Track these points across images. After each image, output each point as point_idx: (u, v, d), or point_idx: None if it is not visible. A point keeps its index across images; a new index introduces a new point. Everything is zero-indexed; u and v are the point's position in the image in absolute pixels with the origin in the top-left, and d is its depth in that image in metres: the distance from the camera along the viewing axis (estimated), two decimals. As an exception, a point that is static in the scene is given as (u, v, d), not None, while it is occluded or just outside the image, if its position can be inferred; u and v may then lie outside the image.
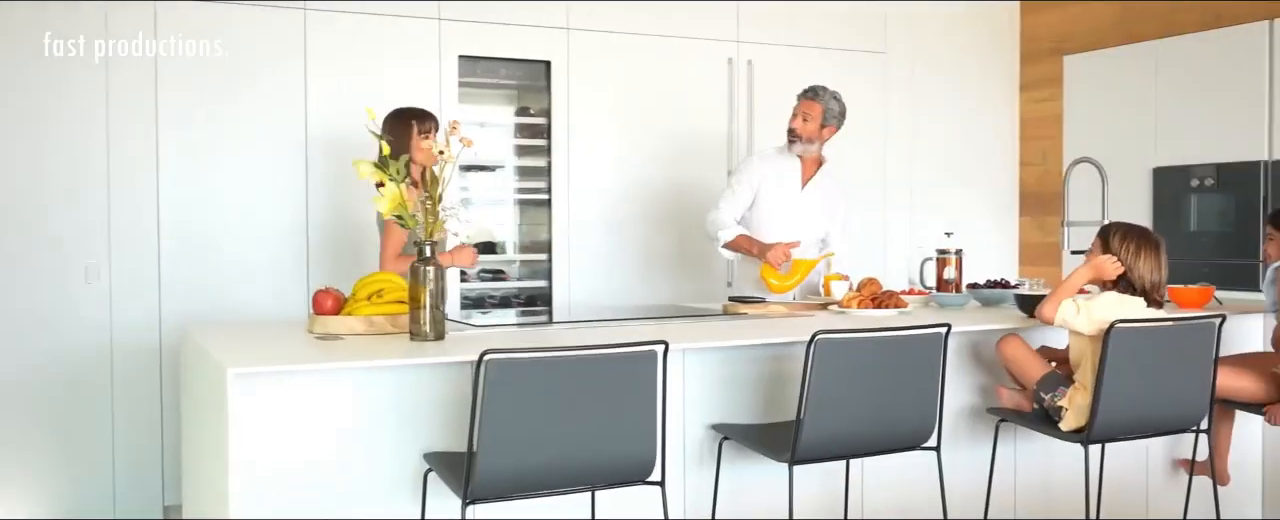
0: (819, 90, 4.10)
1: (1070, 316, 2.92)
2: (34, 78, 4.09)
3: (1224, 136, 5.03)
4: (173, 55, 4.27)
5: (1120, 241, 2.99)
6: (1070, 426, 2.95)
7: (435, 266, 2.73)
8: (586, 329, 3.13)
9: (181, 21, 4.27)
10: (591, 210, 5.04)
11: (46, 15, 4.08)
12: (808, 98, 4.10)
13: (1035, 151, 6.08)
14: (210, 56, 4.32)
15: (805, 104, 4.10)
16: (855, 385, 2.63)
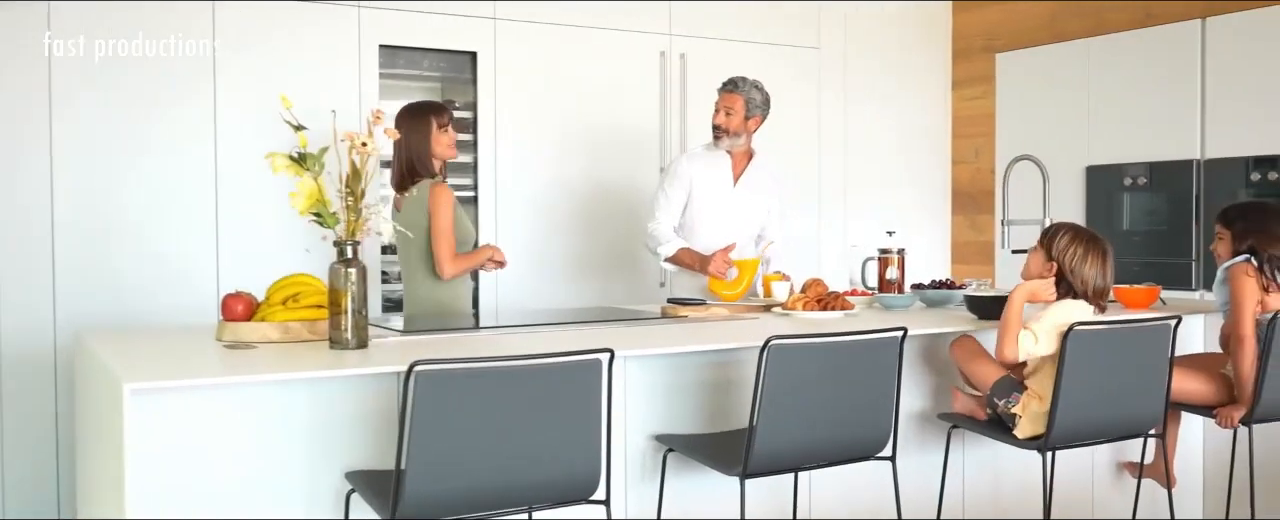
0: (737, 82, 3.96)
1: (1031, 347, 2.79)
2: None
3: (1156, 135, 5.02)
4: (70, 42, 3.97)
5: (1065, 245, 2.87)
6: (1026, 434, 2.84)
7: (358, 269, 2.51)
8: (518, 334, 2.94)
9: (82, 13, 3.97)
10: (519, 208, 4.84)
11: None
12: (728, 90, 3.98)
13: (968, 149, 6.04)
14: (111, 42, 4.03)
15: (726, 98, 3.98)
16: (809, 393, 2.49)
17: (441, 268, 3.52)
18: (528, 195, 4.85)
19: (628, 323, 3.19)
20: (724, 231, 4.01)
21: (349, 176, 2.48)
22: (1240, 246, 3.25)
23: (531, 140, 4.86)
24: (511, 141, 4.80)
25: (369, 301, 2.58)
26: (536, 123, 4.87)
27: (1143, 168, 5.09)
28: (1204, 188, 4.86)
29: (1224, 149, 4.78)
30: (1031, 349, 2.78)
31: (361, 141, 2.41)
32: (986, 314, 3.16)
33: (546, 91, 4.88)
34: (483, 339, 2.82)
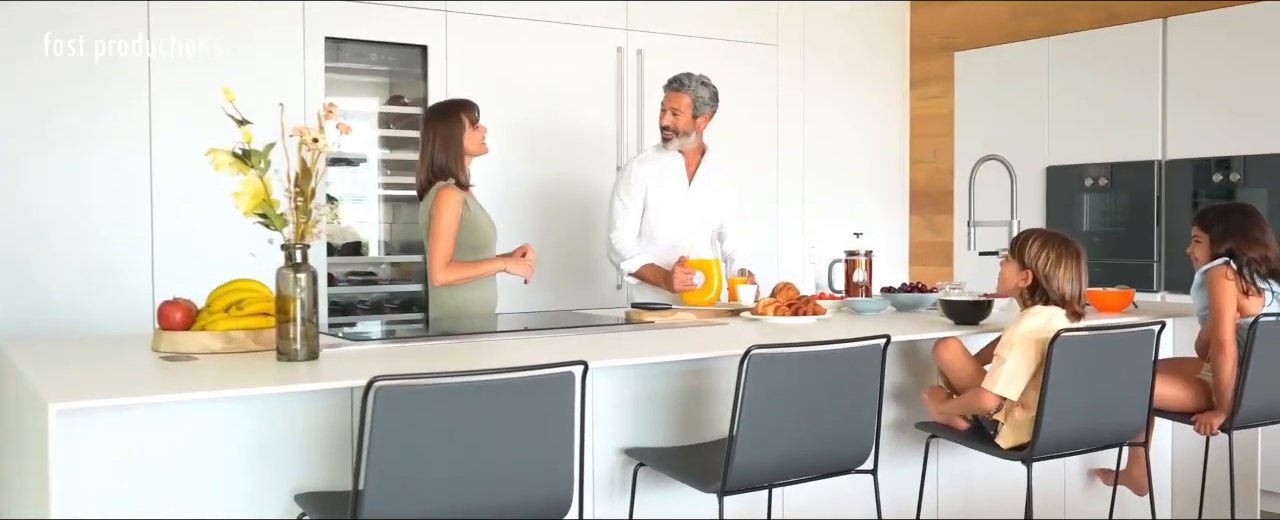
0: (682, 80, 3.83)
1: (1009, 379, 2.69)
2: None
3: (1117, 135, 4.98)
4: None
5: (1037, 251, 2.77)
6: (1008, 443, 2.74)
7: (308, 274, 2.34)
8: (477, 344, 2.77)
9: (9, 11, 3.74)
10: (472, 208, 4.65)
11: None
12: (673, 89, 3.85)
13: (926, 149, 5.97)
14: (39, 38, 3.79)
15: (672, 97, 3.84)
16: (791, 404, 2.35)
17: (432, 274, 3.40)
18: (478, 193, 4.66)
19: (592, 330, 3.04)
20: (683, 232, 3.88)
21: (298, 175, 2.30)
22: (1219, 250, 3.18)
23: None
24: (463, 139, 4.62)
25: (319, 308, 2.40)
26: (489, 120, 4.68)
27: (1104, 168, 5.05)
28: (1165, 188, 4.82)
29: (1185, 150, 4.75)
30: (1010, 379, 2.67)
31: (313, 137, 2.23)
32: (963, 319, 3.06)
33: (500, 88, 4.71)
34: (440, 349, 2.65)
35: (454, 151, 3.44)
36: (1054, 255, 2.74)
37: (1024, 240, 2.81)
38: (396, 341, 2.74)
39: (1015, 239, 2.84)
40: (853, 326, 3.11)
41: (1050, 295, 2.74)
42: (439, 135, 3.44)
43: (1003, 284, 2.86)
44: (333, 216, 2.35)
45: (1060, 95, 5.23)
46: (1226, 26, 4.59)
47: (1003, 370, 2.68)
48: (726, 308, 3.53)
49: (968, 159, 5.67)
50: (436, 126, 3.46)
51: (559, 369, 2.02)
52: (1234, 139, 4.57)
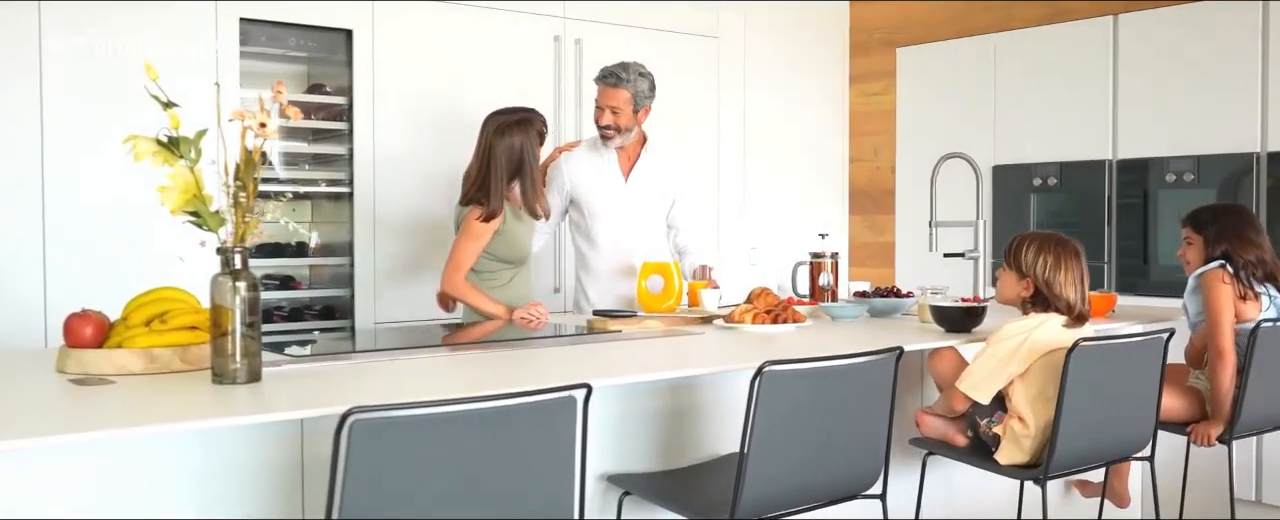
0: (619, 74, 3.55)
1: (980, 380, 2.53)
2: None
3: (1067, 134, 4.88)
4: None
5: (1033, 257, 2.58)
6: (1008, 459, 2.55)
7: (247, 281, 2.00)
8: (438, 359, 2.46)
9: None
10: (401, 205, 4.31)
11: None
12: (609, 85, 3.55)
13: (866, 147, 5.81)
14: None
15: (609, 94, 3.56)
16: (805, 425, 2.11)
17: (442, 280, 3.29)
18: (408, 190, 4.34)
19: (558, 342, 2.76)
20: (624, 231, 3.63)
21: (239, 165, 1.96)
22: (1213, 252, 3.05)
23: (414, 129, 4.35)
24: (392, 130, 4.28)
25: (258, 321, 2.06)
26: (419, 111, 4.36)
27: (1053, 168, 4.94)
28: (1116, 188, 4.73)
29: (1137, 149, 4.67)
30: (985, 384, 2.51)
31: (260, 121, 1.90)
32: (955, 326, 2.86)
33: (430, 77, 4.38)
34: (401, 366, 2.33)
35: (530, 173, 3.27)
36: (1052, 259, 2.55)
37: (1018, 246, 2.62)
38: (344, 357, 2.41)
39: (1009, 246, 2.65)
40: (836, 335, 2.89)
41: (1054, 302, 2.55)
42: (511, 147, 3.25)
43: (1002, 294, 2.67)
44: (280, 214, 2.02)
45: (1007, 93, 5.12)
46: (1178, 24, 4.51)
47: (974, 369, 2.50)
48: (690, 314, 3.28)
49: (910, 158, 5.54)
50: (511, 136, 3.25)
51: (559, 394, 1.74)
52: (1187, 138, 4.49)
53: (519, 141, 3.22)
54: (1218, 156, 4.41)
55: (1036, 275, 2.56)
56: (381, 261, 4.26)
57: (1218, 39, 4.38)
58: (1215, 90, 4.40)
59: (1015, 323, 2.57)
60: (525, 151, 3.23)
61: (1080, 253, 2.59)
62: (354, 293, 4.24)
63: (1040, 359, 2.50)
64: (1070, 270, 2.55)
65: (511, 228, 3.26)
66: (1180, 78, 4.50)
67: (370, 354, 2.50)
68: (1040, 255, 2.56)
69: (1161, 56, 4.57)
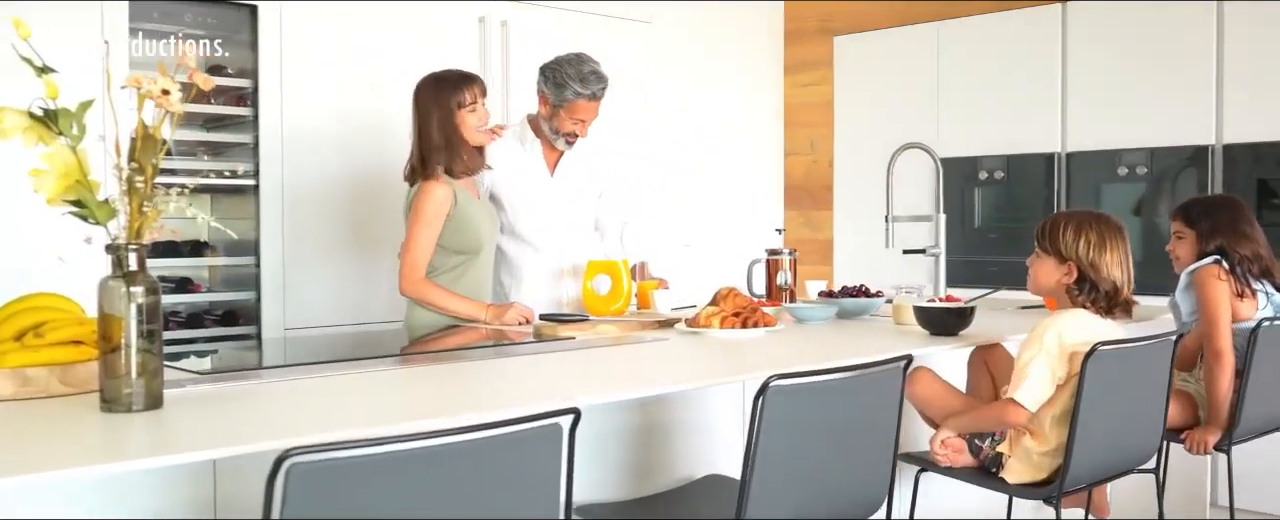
0: (603, 87, 3.20)
1: (1036, 388, 2.24)
2: None
3: (1014, 126, 4.71)
4: None
5: (1074, 237, 2.32)
6: (1018, 477, 2.30)
7: (146, 285, 1.64)
8: (367, 374, 2.11)
9: None
10: (314, 199, 3.92)
11: None
12: (594, 99, 3.19)
13: (802, 140, 5.58)
14: None
15: (589, 108, 3.20)
16: (811, 444, 1.84)
17: (399, 281, 2.90)
18: (322, 182, 3.94)
19: (504, 352, 2.43)
20: (552, 227, 3.31)
21: (135, 143, 1.59)
22: (1207, 247, 2.86)
23: (326, 116, 3.96)
24: (303, 116, 3.88)
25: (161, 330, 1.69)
26: (332, 95, 3.97)
27: (999, 160, 4.77)
28: (1065, 182, 4.58)
29: (1087, 142, 4.52)
30: (1047, 384, 2.24)
31: (161, 89, 1.54)
32: (942, 329, 2.61)
33: (345, 58, 3.99)
34: (332, 385, 1.97)
35: (448, 136, 2.91)
36: (1095, 238, 2.30)
37: (1055, 227, 2.36)
38: (263, 374, 2.05)
39: (1042, 229, 2.39)
40: (812, 340, 2.63)
41: (1100, 286, 2.29)
42: (426, 118, 2.93)
43: (1037, 284, 2.41)
44: (187, 205, 1.65)
45: (951, 83, 4.93)
46: (1130, 13, 4.37)
47: (1030, 375, 2.23)
48: (643, 317, 2.98)
49: (849, 151, 5.33)
50: (423, 106, 2.95)
51: (541, 422, 1.42)
52: (1138, 131, 4.36)
53: (443, 106, 2.91)
54: (1171, 149, 4.28)
55: (1080, 257, 2.30)
56: (292, 261, 3.86)
57: (1171, 29, 4.25)
58: (1168, 81, 4.27)
59: (1065, 323, 2.28)
60: (445, 116, 2.91)
61: (1124, 231, 2.35)
62: (260, 296, 3.83)
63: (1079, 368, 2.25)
64: (1116, 250, 2.30)
65: (464, 209, 2.91)
66: (1132, 68, 4.36)
67: (290, 370, 2.14)
68: (1082, 235, 2.31)
69: (1113, 46, 4.42)
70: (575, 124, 3.20)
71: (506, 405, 1.63)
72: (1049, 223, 2.38)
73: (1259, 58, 4.03)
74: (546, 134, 3.26)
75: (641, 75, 4.94)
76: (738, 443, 2.41)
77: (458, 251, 2.93)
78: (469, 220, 2.91)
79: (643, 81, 4.95)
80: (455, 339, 2.72)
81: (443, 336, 2.77)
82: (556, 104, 3.18)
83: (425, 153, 2.92)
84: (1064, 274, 2.33)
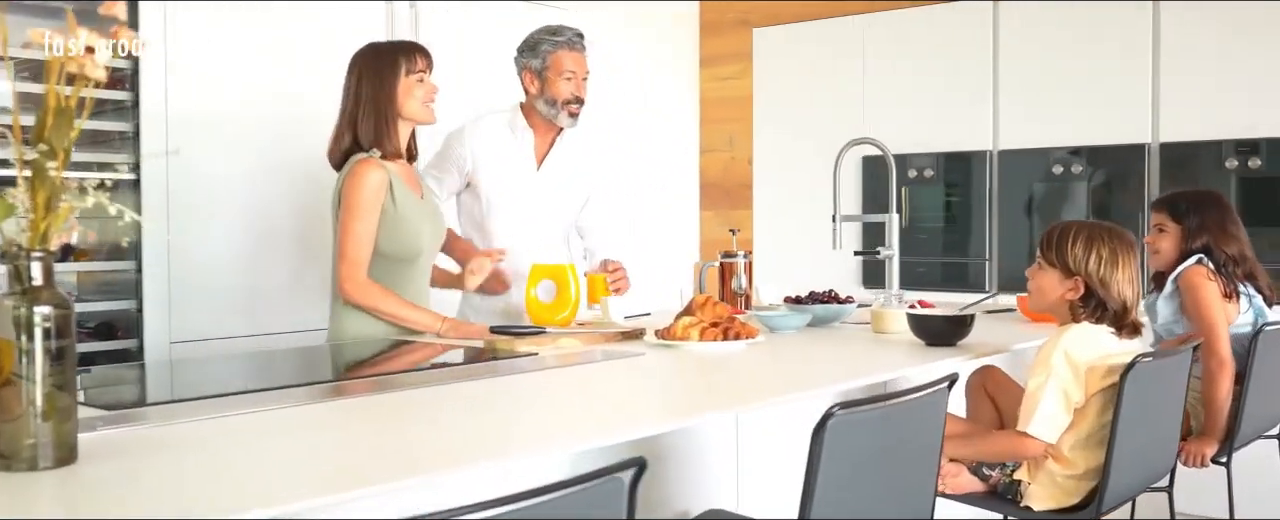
0: (580, 34, 3.01)
1: (1050, 417, 2.04)
2: None
3: (945, 123, 4.58)
4: None
5: (1084, 251, 2.13)
6: (1045, 505, 2.10)
7: (54, 304, 1.27)
8: (313, 411, 1.75)
9: None
10: (205, 197, 3.48)
11: None
12: (574, 47, 2.98)
13: (720, 136, 5.35)
14: None
15: (571, 57, 2.96)
16: (867, 478, 1.58)
17: (338, 283, 2.50)
18: (216, 178, 3.51)
19: (459, 374, 2.10)
20: (526, 227, 3.00)
21: (42, 123, 1.22)
22: (1192, 245, 2.72)
23: (220, 103, 3.53)
24: (192, 104, 3.44)
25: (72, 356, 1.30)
26: (227, 81, 3.55)
27: (929, 159, 4.63)
28: (998, 181, 4.47)
29: (1020, 139, 4.42)
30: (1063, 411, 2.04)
31: (87, 46, 1.17)
32: (939, 340, 2.39)
33: (238, 45, 3.57)
34: (275, 422, 1.61)
35: (382, 110, 2.51)
36: (1107, 253, 2.10)
37: (1062, 239, 2.15)
38: (187, 408, 1.66)
39: (1048, 239, 2.18)
40: (798, 352, 2.38)
41: (1108, 304, 2.10)
42: (362, 87, 2.54)
43: (1040, 297, 2.20)
44: (104, 201, 1.28)
45: (878, 78, 4.78)
46: (1064, 9, 4.28)
47: (1042, 404, 2.02)
48: (612, 328, 2.68)
49: (770, 148, 5.13)
50: (359, 74, 2.55)
51: (599, 481, 1.12)
52: (1073, 128, 4.27)
53: (382, 75, 2.54)
54: (1106, 148, 4.20)
55: (1090, 273, 2.10)
56: (178, 267, 3.42)
57: (1106, 26, 4.17)
58: (1103, 79, 4.19)
59: (1073, 342, 2.08)
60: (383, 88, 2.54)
61: (1135, 246, 2.16)
62: (142, 305, 3.39)
63: (1098, 386, 2.05)
64: (1127, 266, 2.11)
65: (402, 206, 2.54)
66: (1066, 66, 4.27)
67: (224, 402, 1.75)
68: (1092, 249, 2.10)
69: (1046, 43, 4.33)
70: (567, 80, 2.94)
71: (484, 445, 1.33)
72: (1057, 232, 2.18)
73: (1195, 54, 3.97)
74: (545, 114, 2.98)
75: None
76: (732, 474, 2.14)
77: (390, 256, 2.56)
78: (406, 220, 2.53)
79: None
80: (403, 358, 2.37)
81: (390, 356, 2.41)
82: (540, 70, 2.94)
83: (354, 125, 2.54)
84: (1069, 289, 2.14)
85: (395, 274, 2.57)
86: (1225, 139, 3.92)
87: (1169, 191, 3.01)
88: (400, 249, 2.55)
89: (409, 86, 2.54)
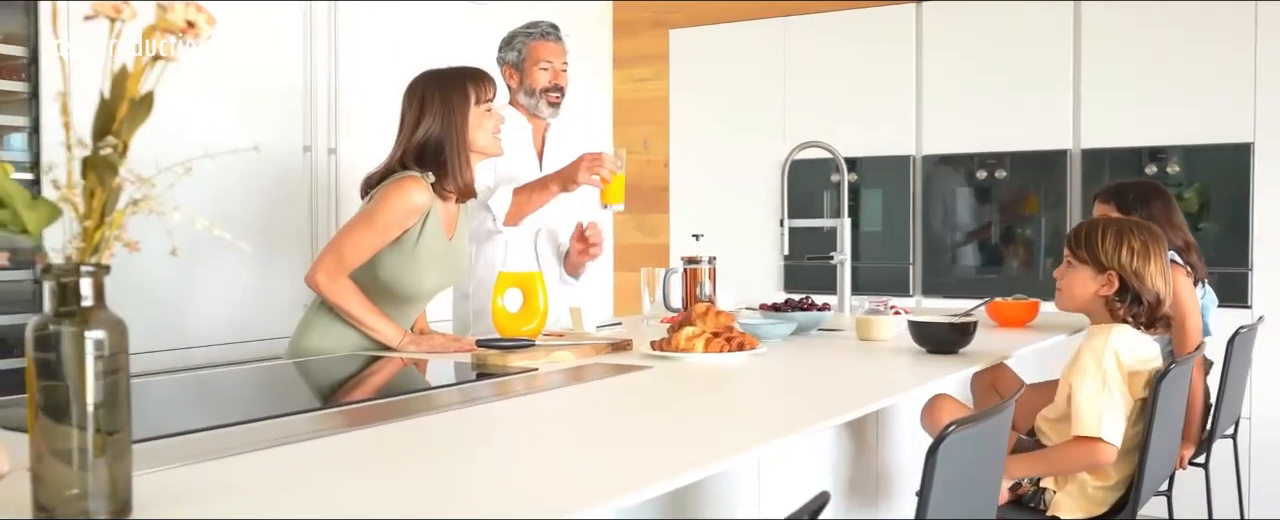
0: (555, 25, 2.98)
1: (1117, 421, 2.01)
2: None
3: (867, 127, 4.59)
4: None
5: (1116, 243, 2.10)
6: (1072, 514, 2.07)
7: (109, 328, 1.07)
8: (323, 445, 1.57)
9: None
10: (114, 200, 3.17)
11: None
12: (548, 38, 2.97)
13: (634, 138, 5.24)
14: None
15: (547, 47, 2.95)
16: (963, 492, 1.50)
17: (312, 269, 2.30)
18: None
19: (459, 399, 1.93)
20: (526, 226, 2.90)
21: (113, 112, 1.02)
22: None
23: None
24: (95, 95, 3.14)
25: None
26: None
27: (851, 163, 4.63)
28: (922, 185, 4.51)
29: (944, 144, 4.46)
30: (1119, 412, 2.01)
31: (187, 20, 0.98)
32: (942, 347, 2.34)
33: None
34: (296, 461, 1.41)
35: (455, 144, 2.32)
36: (1140, 245, 2.08)
37: (1091, 235, 2.12)
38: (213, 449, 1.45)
39: (1077, 236, 2.15)
40: (806, 362, 2.30)
41: (1143, 296, 2.08)
42: (428, 117, 2.34)
43: (1070, 297, 2.17)
44: (168, 205, 1.09)
45: (799, 82, 4.76)
46: (987, 15, 4.35)
47: (1107, 409, 1.98)
48: (596, 338, 2.54)
49: (687, 152, 5.06)
50: (422, 103, 2.34)
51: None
52: (997, 134, 4.34)
53: (452, 102, 2.36)
54: (1029, 154, 4.28)
55: (1123, 266, 2.08)
56: (85, 276, 3.11)
57: (1029, 31, 4.25)
58: (1026, 84, 4.27)
59: (1120, 342, 2.05)
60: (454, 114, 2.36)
61: (1163, 239, 2.15)
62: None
63: (1139, 392, 2.03)
64: (1159, 258, 2.10)
65: (425, 243, 2.35)
66: (989, 71, 4.34)
67: (248, 430, 1.54)
68: (1124, 242, 2.08)
69: (969, 48, 4.38)
70: (543, 70, 2.91)
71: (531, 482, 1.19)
72: (1084, 230, 2.16)
73: (1117, 61, 4.08)
74: (527, 106, 2.95)
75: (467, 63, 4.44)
76: (752, 494, 2.04)
77: (386, 285, 2.36)
78: (419, 259, 2.34)
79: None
80: (381, 375, 2.17)
81: (371, 372, 2.21)
82: (517, 62, 2.93)
83: (419, 158, 2.33)
84: (1104, 285, 2.12)
85: (385, 305, 2.39)
86: (1143, 145, 4.04)
87: (1113, 182, 3.03)
88: (398, 284, 2.37)
89: (480, 118, 2.36)
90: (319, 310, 2.43)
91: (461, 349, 2.40)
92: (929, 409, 2.22)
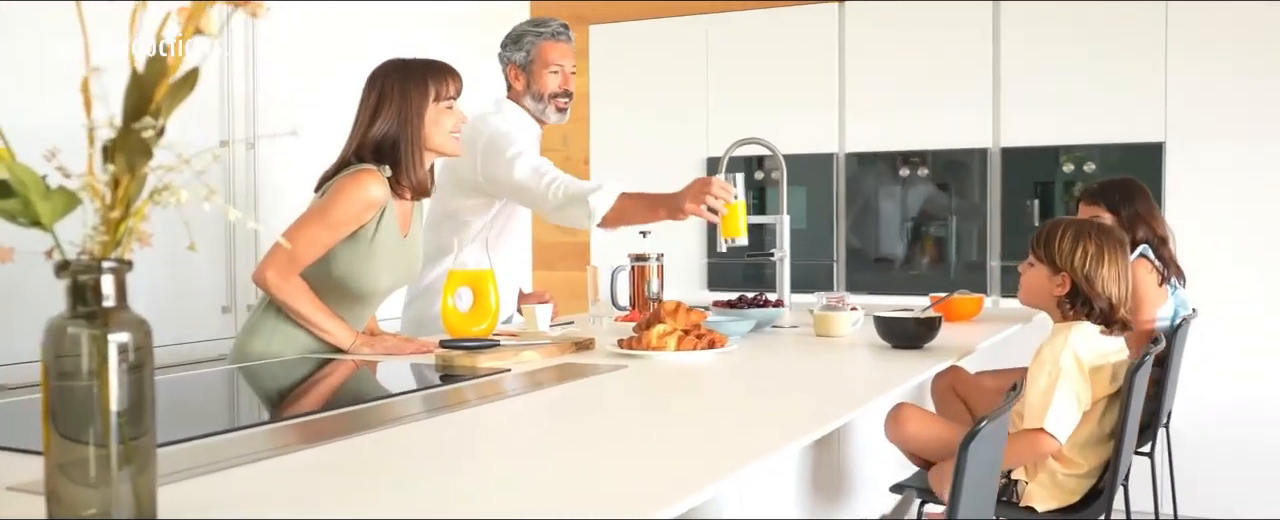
0: (564, 25, 2.92)
1: (1063, 415, 2.04)
2: None
3: (791, 125, 4.62)
4: None
5: (1070, 247, 2.14)
6: (1046, 505, 2.09)
7: (132, 328, 0.98)
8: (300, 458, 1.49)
9: None
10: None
11: None
12: (559, 39, 2.88)
13: (553, 135, 5.17)
14: None
15: (557, 48, 2.88)
16: (980, 483, 1.49)
17: (261, 265, 2.17)
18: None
19: (433, 406, 1.85)
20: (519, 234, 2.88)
21: (148, 88, 0.93)
22: (1136, 235, 2.81)
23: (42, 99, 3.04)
24: (13, 95, 2.96)
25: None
26: (49, 81, 3.06)
27: (776, 161, 4.65)
28: (845, 184, 4.56)
29: (867, 142, 4.52)
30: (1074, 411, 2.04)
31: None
32: (907, 341, 2.35)
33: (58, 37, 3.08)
34: (297, 469, 1.33)
35: (409, 139, 2.22)
36: (1094, 249, 2.12)
37: (1050, 236, 2.16)
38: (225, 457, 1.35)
39: (1038, 236, 2.19)
40: (776, 359, 2.28)
41: (1094, 302, 2.12)
42: (383, 109, 2.24)
43: (1030, 294, 2.20)
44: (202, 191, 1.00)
45: (722, 79, 4.77)
46: (908, 12, 4.42)
47: (1056, 402, 2.01)
48: (561, 337, 2.48)
49: (608, 149, 5.02)
50: (380, 94, 2.24)
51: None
52: (919, 132, 4.41)
53: (409, 96, 2.27)
54: (950, 151, 4.36)
55: (1075, 269, 2.12)
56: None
57: (949, 30, 4.33)
58: (946, 83, 4.35)
59: (1078, 341, 2.08)
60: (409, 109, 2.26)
61: (1125, 244, 2.19)
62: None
63: (1105, 388, 2.06)
64: (1115, 263, 2.13)
65: (378, 241, 2.25)
66: (911, 69, 4.41)
67: (249, 435, 1.44)
68: (1079, 245, 2.12)
69: (891, 47, 4.45)
70: (553, 74, 2.82)
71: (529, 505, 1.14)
72: (1046, 229, 2.20)
73: (1035, 61, 4.19)
74: (532, 110, 2.86)
75: (379, 59, 4.32)
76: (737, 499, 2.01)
77: (339, 282, 2.26)
78: (375, 255, 2.25)
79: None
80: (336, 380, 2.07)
81: (324, 376, 2.10)
82: (525, 64, 2.81)
83: (375, 152, 2.24)
84: (1057, 285, 2.16)
85: (337, 305, 2.28)
86: (1060, 144, 4.16)
87: (1096, 182, 3.09)
88: (353, 281, 2.26)
89: (438, 115, 2.26)
90: (266, 311, 2.31)
91: (418, 350, 2.31)
92: (895, 417, 2.23)
